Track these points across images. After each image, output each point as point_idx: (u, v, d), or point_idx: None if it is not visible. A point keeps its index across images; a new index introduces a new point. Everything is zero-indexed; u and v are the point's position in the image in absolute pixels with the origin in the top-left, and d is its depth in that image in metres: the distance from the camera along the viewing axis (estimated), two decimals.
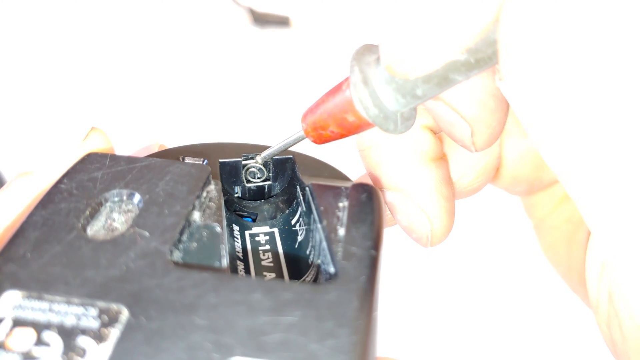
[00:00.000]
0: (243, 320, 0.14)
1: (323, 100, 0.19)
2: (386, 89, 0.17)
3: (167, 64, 0.62)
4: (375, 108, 0.17)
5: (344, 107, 0.18)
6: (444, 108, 0.17)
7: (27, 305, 0.14)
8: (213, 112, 0.57)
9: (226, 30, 0.65)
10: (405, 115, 0.18)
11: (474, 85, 0.17)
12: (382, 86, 0.17)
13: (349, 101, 0.17)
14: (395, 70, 0.16)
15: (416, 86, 0.16)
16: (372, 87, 0.17)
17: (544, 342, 0.44)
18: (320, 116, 0.19)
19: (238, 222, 0.23)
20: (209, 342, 0.13)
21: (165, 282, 0.15)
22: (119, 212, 0.18)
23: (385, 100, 0.17)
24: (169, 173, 0.18)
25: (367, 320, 0.14)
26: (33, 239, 0.16)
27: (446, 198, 0.19)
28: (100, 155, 0.19)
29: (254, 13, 0.65)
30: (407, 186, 0.19)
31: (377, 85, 0.17)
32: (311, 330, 0.14)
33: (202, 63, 0.62)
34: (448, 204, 0.20)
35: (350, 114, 0.18)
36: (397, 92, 0.17)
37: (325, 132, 0.19)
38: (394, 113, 0.17)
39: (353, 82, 0.17)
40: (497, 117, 0.17)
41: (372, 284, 0.15)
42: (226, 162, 0.22)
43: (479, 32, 0.14)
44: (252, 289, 0.15)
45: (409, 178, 0.19)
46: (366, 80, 0.17)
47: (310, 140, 0.20)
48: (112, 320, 0.14)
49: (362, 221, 0.18)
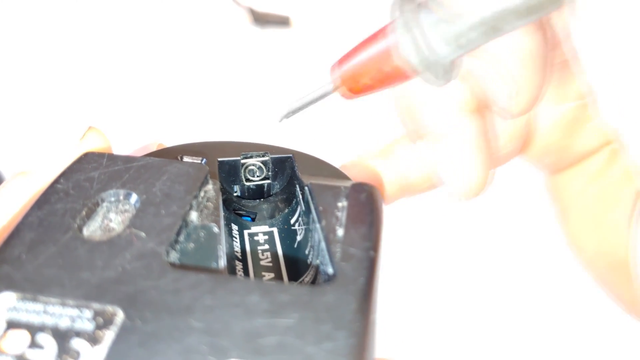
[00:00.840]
0: (239, 322, 0.14)
1: (361, 46, 0.18)
2: (432, 36, 0.16)
3: (167, 64, 0.61)
4: (419, 55, 0.16)
5: (386, 53, 0.17)
6: (491, 61, 0.17)
7: (22, 307, 0.14)
8: (213, 111, 0.57)
9: (226, 30, 0.65)
10: (448, 66, 0.17)
11: (516, 44, 0.16)
12: (427, 32, 0.16)
13: (393, 46, 0.17)
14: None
15: (463, 33, 0.15)
16: (416, 33, 0.16)
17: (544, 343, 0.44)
18: (357, 64, 0.18)
19: (237, 221, 0.22)
20: (205, 345, 0.13)
21: (161, 284, 0.15)
22: (115, 212, 0.17)
23: (430, 47, 0.16)
24: (167, 173, 0.18)
25: (365, 322, 0.14)
26: (29, 239, 0.16)
27: (485, 152, 0.19)
28: (97, 155, 0.19)
29: (254, 13, 0.65)
30: (449, 134, 0.19)
31: (421, 31, 0.16)
32: (308, 333, 0.13)
33: (201, 63, 0.62)
34: (487, 159, 0.19)
35: (393, 60, 0.17)
36: (443, 39, 0.16)
37: (360, 82, 0.18)
38: (437, 62, 0.16)
39: (397, 26, 0.16)
40: (538, 80, 0.17)
41: (370, 285, 0.15)
42: (225, 161, 0.22)
43: None
44: (249, 291, 0.14)
45: (451, 125, 0.19)
46: (410, 25, 0.16)
47: (339, 94, 0.19)
48: (107, 322, 0.14)
49: (361, 221, 0.17)
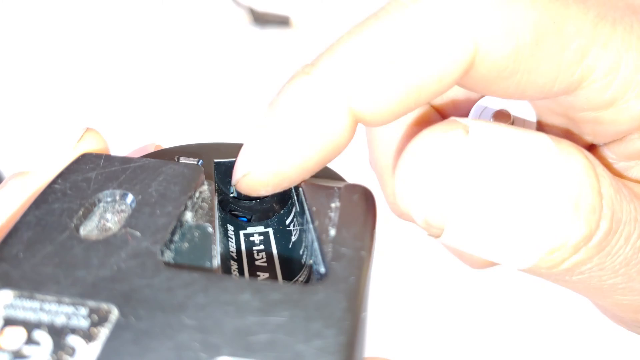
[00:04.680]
0: (231, 320, 0.14)
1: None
2: None
3: (166, 64, 0.62)
4: None
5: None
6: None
7: (19, 305, 0.14)
8: (213, 112, 0.58)
9: (226, 30, 0.65)
10: None
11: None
12: None
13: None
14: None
15: None
16: None
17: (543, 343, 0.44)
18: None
19: (233, 222, 0.23)
20: (197, 342, 0.13)
21: (155, 282, 0.15)
22: (112, 212, 0.18)
23: None
24: (162, 173, 0.19)
25: (355, 320, 0.14)
26: (26, 238, 0.16)
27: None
28: (94, 156, 0.19)
29: (254, 13, 0.65)
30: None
31: None
32: (298, 331, 0.14)
33: (201, 63, 0.62)
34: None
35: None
36: None
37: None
38: None
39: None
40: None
41: (361, 284, 0.15)
42: (221, 162, 0.22)
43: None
44: (241, 290, 0.15)
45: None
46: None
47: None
48: (102, 319, 0.14)
49: (353, 222, 0.18)
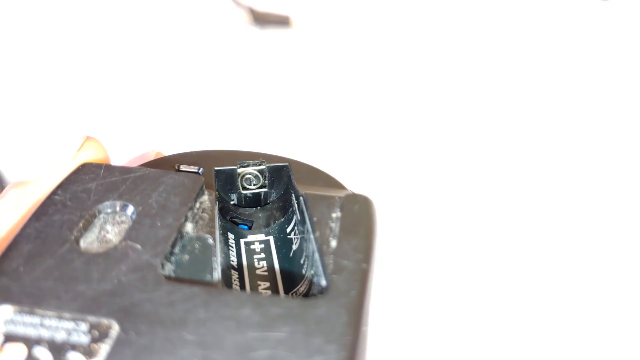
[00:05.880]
0: (232, 335, 0.14)
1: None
2: None
3: (166, 64, 0.62)
4: None
5: None
6: None
7: (19, 320, 0.14)
8: (212, 112, 0.57)
9: (226, 30, 0.65)
10: None
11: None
12: None
13: None
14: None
15: None
16: None
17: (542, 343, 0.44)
18: None
19: (233, 230, 0.23)
20: (197, 358, 0.13)
21: (155, 297, 0.15)
22: (112, 223, 0.18)
23: None
24: (163, 184, 0.18)
25: (356, 335, 0.14)
26: (26, 252, 0.16)
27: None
28: (94, 166, 0.19)
29: (254, 13, 0.65)
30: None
31: None
32: (299, 347, 0.14)
33: (201, 63, 0.62)
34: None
35: None
36: None
37: None
38: None
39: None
40: None
41: (362, 298, 0.15)
42: (222, 170, 0.22)
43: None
44: (242, 304, 0.15)
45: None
46: None
47: None
48: (103, 335, 0.14)
49: (354, 233, 0.18)
